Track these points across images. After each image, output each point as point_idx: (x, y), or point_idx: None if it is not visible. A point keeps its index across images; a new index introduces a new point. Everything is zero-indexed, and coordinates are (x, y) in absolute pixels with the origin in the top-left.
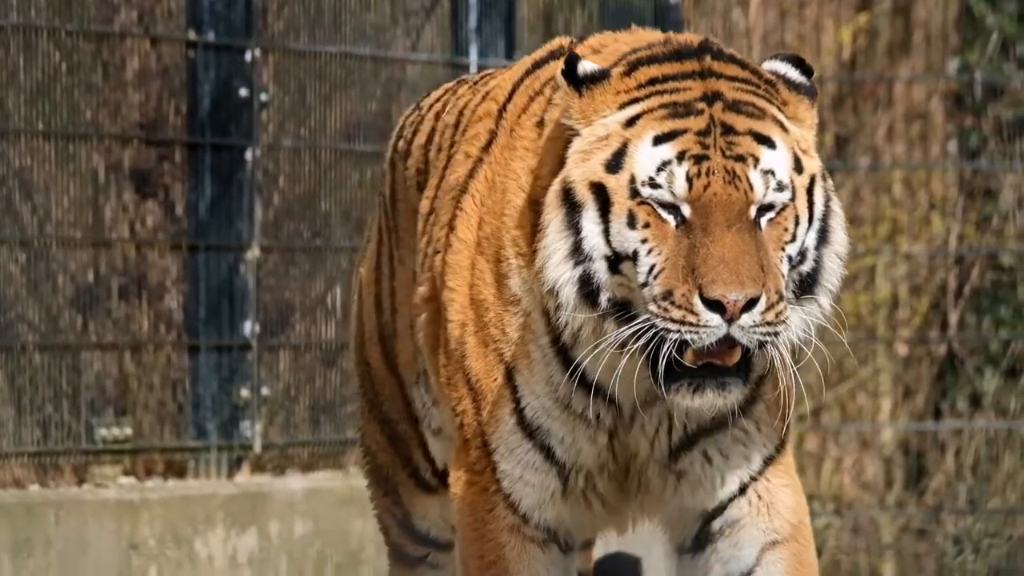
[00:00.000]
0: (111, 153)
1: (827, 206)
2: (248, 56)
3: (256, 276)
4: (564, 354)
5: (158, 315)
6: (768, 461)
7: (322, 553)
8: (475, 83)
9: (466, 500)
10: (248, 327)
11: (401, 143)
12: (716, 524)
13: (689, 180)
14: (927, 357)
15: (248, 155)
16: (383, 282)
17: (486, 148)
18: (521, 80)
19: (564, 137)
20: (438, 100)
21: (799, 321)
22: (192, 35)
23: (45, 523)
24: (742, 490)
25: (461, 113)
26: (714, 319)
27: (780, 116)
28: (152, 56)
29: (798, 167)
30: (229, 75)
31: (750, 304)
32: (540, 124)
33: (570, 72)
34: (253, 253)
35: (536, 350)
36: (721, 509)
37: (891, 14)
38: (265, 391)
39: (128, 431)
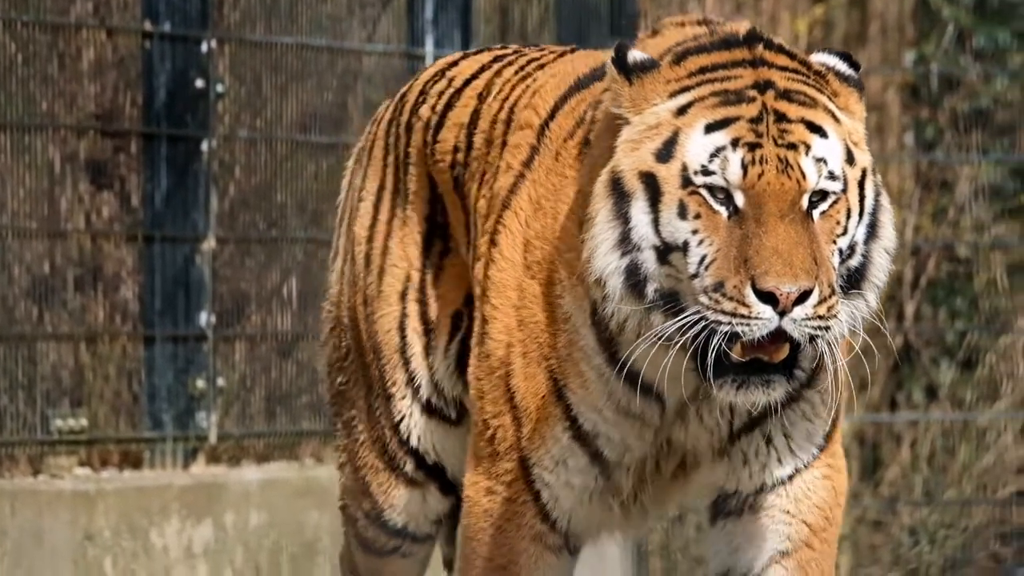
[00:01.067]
0: (67, 144)
1: (877, 200)
2: (204, 47)
3: (212, 267)
4: (613, 352)
5: (114, 306)
6: (823, 444)
7: (277, 544)
8: (521, 68)
9: (481, 505)
10: (204, 318)
11: (425, 110)
12: (740, 504)
13: (744, 167)
14: (883, 348)
15: (204, 146)
16: (376, 240)
17: (527, 163)
18: (565, 98)
19: (613, 128)
20: (475, 76)
21: (846, 316)
22: (148, 26)
23: (0, 514)
24: (787, 478)
25: (512, 110)
26: (766, 311)
27: (831, 106)
28: (108, 47)
29: (850, 159)
30: (185, 66)
31: (803, 297)
32: (586, 144)
33: (620, 61)
34: (209, 244)
35: (587, 361)
36: (755, 492)
37: (847, 6)
38: (221, 382)
39: (84, 422)
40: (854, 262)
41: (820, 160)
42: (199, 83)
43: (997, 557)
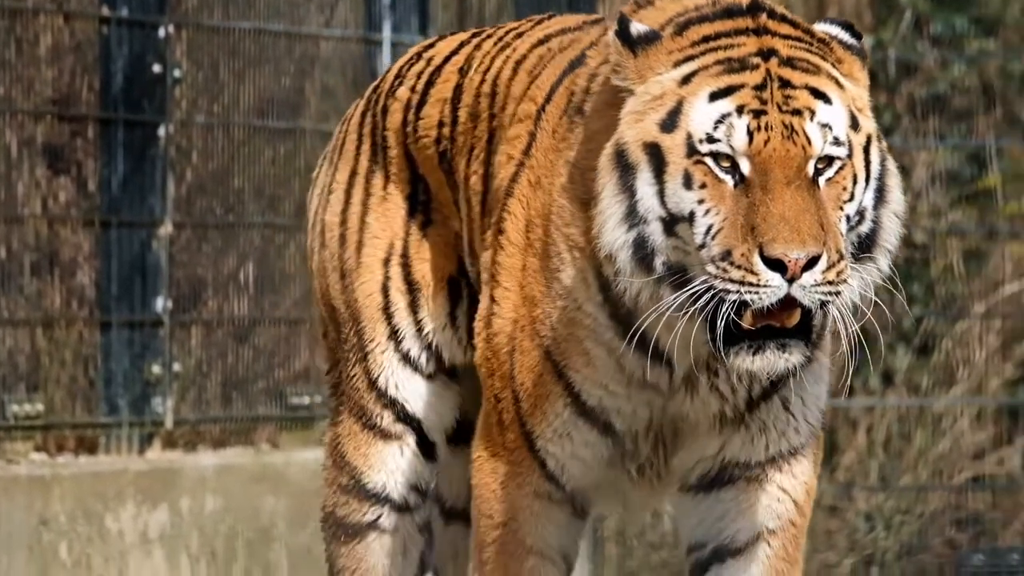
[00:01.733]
0: (23, 129)
1: (883, 165)
2: (161, 32)
3: (168, 252)
4: (627, 325)
5: (70, 291)
6: (822, 410)
7: (233, 529)
8: (500, 39)
9: (488, 466)
10: (160, 303)
11: (403, 91)
12: (734, 480)
13: (749, 133)
14: (839, 334)
15: (161, 131)
16: (350, 221)
17: (526, 152)
18: (560, 80)
19: (616, 101)
20: (455, 53)
21: (858, 281)
22: (105, 11)
23: None
24: (797, 448)
25: (495, 82)
26: (775, 279)
27: (835, 73)
28: (65, 32)
29: (855, 125)
30: (142, 51)
31: (811, 263)
32: (580, 112)
33: (623, 32)
34: (166, 229)
35: (594, 338)
36: (756, 463)
37: None
38: (177, 367)
39: (40, 407)
40: (864, 228)
41: (825, 126)
42: (156, 68)
43: (952, 543)
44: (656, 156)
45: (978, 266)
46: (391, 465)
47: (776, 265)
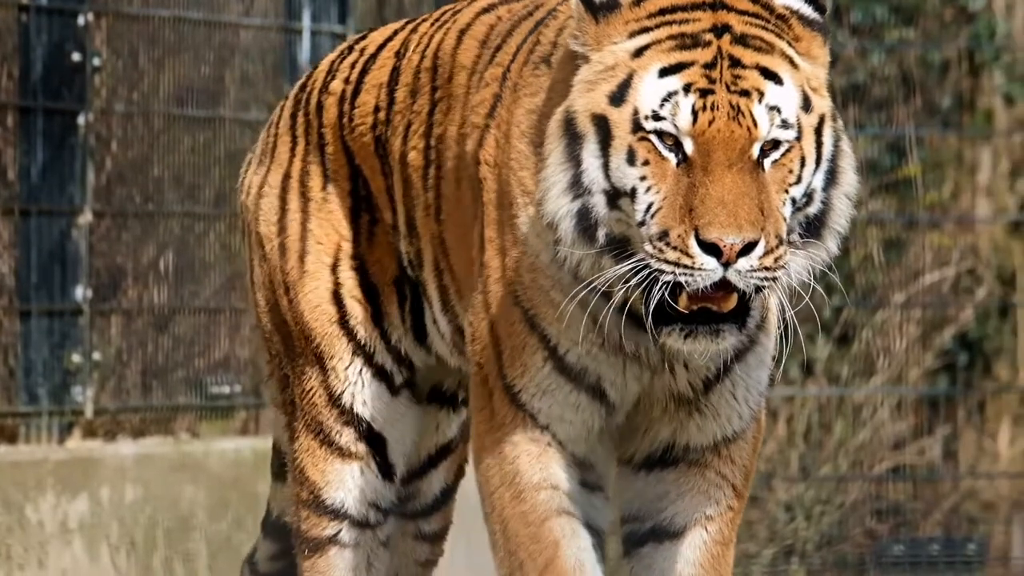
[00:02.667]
0: None
1: (836, 146)
2: (81, 20)
3: (88, 241)
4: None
5: None
6: (761, 395)
7: (152, 519)
8: (438, 20)
9: (485, 446)
10: (80, 292)
11: (336, 84)
12: (677, 462)
13: (694, 113)
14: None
15: (81, 120)
16: (290, 228)
17: (491, 113)
18: (525, 39)
19: (573, 66)
20: (390, 39)
21: (803, 264)
22: None
23: None
24: (737, 433)
25: (437, 56)
26: (710, 262)
27: (790, 51)
28: None
29: (807, 105)
30: (62, 39)
31: (748, 248)
32: (546, 63)
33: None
34: (85, 218)
35: (559, 289)
36: (698, 447)
37: None
38: (97, 356)
39: None
40: (812, 209)
41: (773, 108)
42: (76, 56)
43: (872, 533)
44: (603, 129)
45: (898, 256)
46: (349, 484)
47: (711, 249)
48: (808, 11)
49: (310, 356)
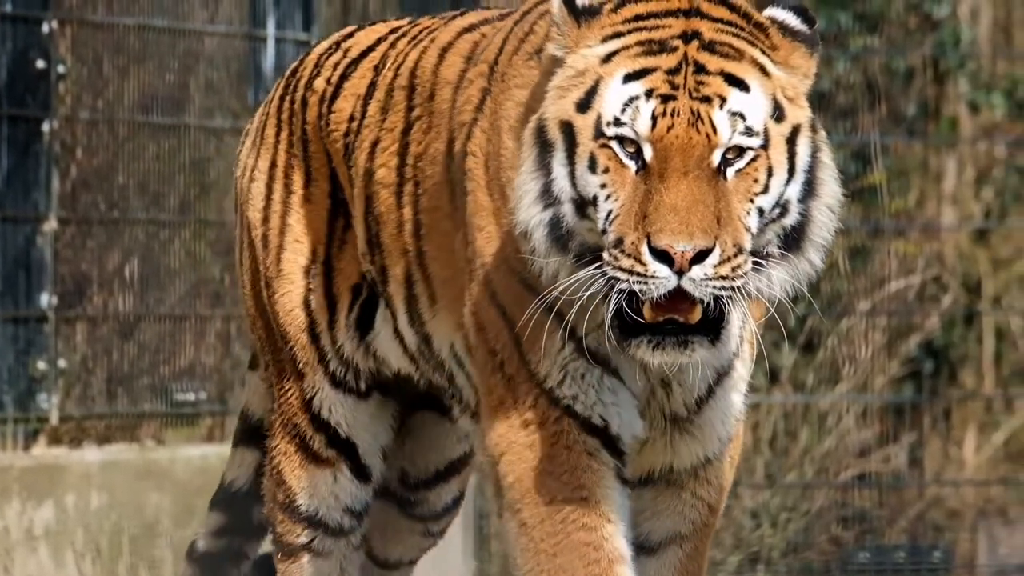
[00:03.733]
0: None
1: (814, 157)
2: (45, 27)
3: (53, 248)
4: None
5: None
6: (738, 417)
7: (118, 525)
8: (414, 38)
9: (521, 443)
10: (45, 299)
11: (319, 83)
12: (658, 481)
13: (654, 118)
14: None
15: (45, 127)
16: (272, 220)
17: (479, 107)
18: (511, 31)
19: (552, 70)
20: (372, 49)
21: (785, 277)
22: None
23: None
24: (713, 456)
25: (414, 74)
26: (662, 270)
27: (763, 59)
28: None
29: (777, 114)
30: (26, 46)
31: (701, 256)
32: (539, 55)
33: (570, 2)
34: (50, 225)
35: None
36: (677, 468)
37: None
38: (62, 363)
39: None
40: (789, 221)
41: (736, 114)
42: (40, 63)
43: (838, 540)
44: (569, 136)
45: (863, 263)
46: (323, 491)
47: (663, 256)
48: (793, 22)
49: (288, 355)
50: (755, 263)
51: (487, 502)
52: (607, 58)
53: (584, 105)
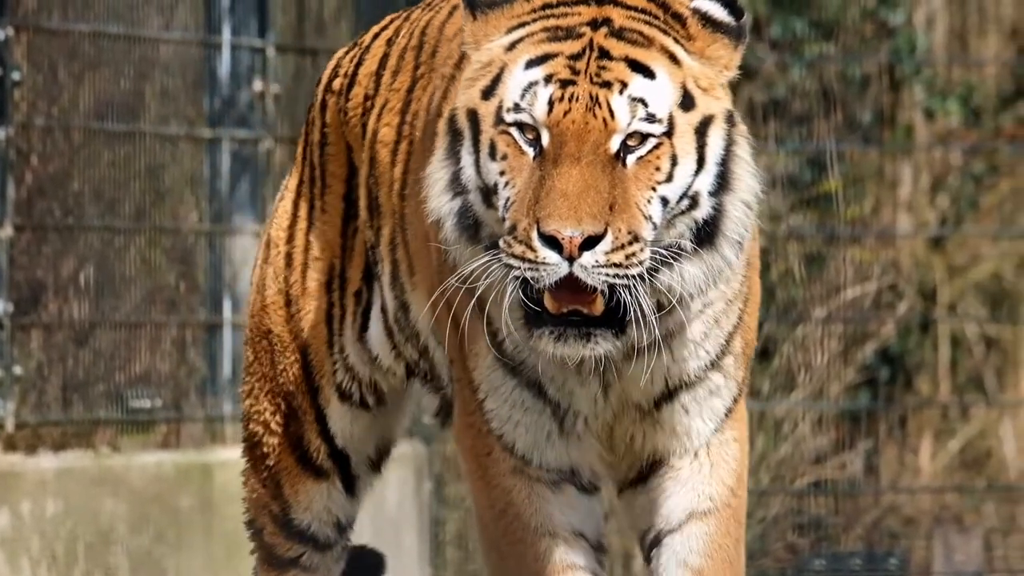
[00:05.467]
0: None
1: (728, 150)
2: (1, 34)
3: (8, 255)
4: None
5: None
6: (728, 412)
7: (73, 532)
8: (430, 4)
9: (466, 445)
10: (0, 306)
11: (338, 81)
12: (661, 469)
13: (551, 103)
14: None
15: (1, 134)
16: (297, 238)
17: (459, 64)
18: None
19: (464, 65)
20: (385, 28)
21: (698, 272)
22: None
23: None
24: (702, 446)
25: (424, 33)
26: (552, 256)
27: (674, 48)
28: None
29: (686, 103)
30: None
31: (591, 242)
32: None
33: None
34: (5, 232)
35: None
36: (676, 458)
37: None
38: (17, 370)
39: None
40: (701, 214)
41: (637, 100)
42: None
43: (794, 547)
44: (475, 124)
45: (818, 270)
46: (317, 505)
47: (552, 242)
48: (717, 13)
49: (302, 372)
50: (667, 257)
51: (442, 509)
52: (511, 46)
53: (489, 93)
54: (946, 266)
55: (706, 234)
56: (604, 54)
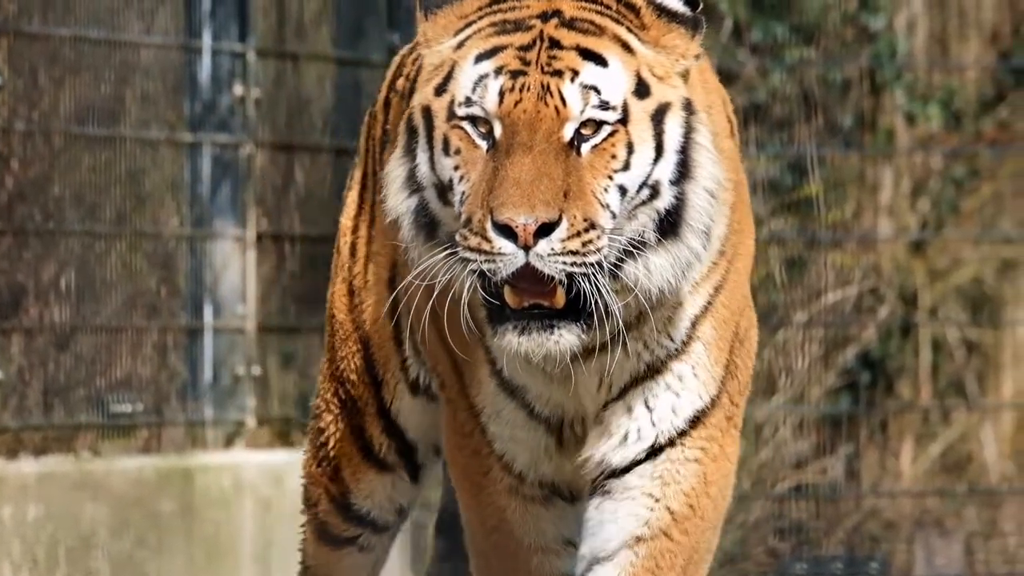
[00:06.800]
0: None
1: (688, 138)
2: None
3: None
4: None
5: None
6: (699, 417)
7: (54, 537)
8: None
9: (459, 464)
10: None
11: (401, 81)
12: (612, 483)
13: (501, 94)
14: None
15: None
16: (360, 230)
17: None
18: None
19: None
20: None
21: (664, 264)
22: None
23: None
24: (653, 452)
25: None
26: (507, 246)
27: (627, 37)
28: None
29: (641, 91)
30: None
31: (545, 230)
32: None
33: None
34: None
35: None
36: (624, 470)
37: None
38: None
39: None
40: (662, 203)
41: (589, 88)
42: None
43: (774, 552)
44: (428, 121)
45: (799, 274)
46: (380, 495)
47: (506, 231)
48: (671, 3)
49: (364, 363)
50: (631, 249)
51: (424, 514)
52: (460, 44)
53: (440, 89)
54: (927, 270)
55: (669, 224)
56: (555, 44)
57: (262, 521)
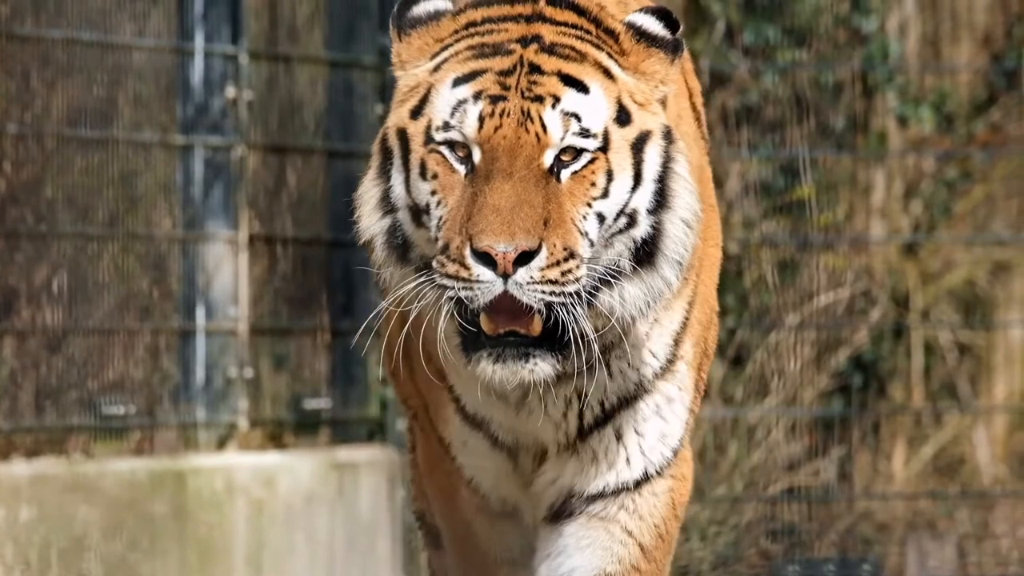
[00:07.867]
0: None
1: (666, 167)
2: None
3: None
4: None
5: None
6: (673, 453)
7: (46, 539)
8: None
9: (433, 482)
10: None
11: None
12: (580, 506)
13: (481, 119)
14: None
15: None
16: None
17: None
18: None
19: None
20: None
21: (638, 293)
22: None
23: None
24: (636, 483)
25: None
26: (486, 273)
27: (608, 63)
28: None
29: (622, 118)
30: None
31: (525, 258)
32: None
33: (398, 12)
34: None
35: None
36: (596, 497)
37: None
38: None
39: None
40: (639, 233)
41: (570, 115)
42: None
43: (767, 554)
44: (404, 143)
45: (792, 277)
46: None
47: (485, 259)
48: (652, 27)
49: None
50: (607, 277)
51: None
52: (437, 68)
53: (417, 112)
54: (919, 272)
55: (645, 254)
56: (535, 69)
57: (254, 523)
